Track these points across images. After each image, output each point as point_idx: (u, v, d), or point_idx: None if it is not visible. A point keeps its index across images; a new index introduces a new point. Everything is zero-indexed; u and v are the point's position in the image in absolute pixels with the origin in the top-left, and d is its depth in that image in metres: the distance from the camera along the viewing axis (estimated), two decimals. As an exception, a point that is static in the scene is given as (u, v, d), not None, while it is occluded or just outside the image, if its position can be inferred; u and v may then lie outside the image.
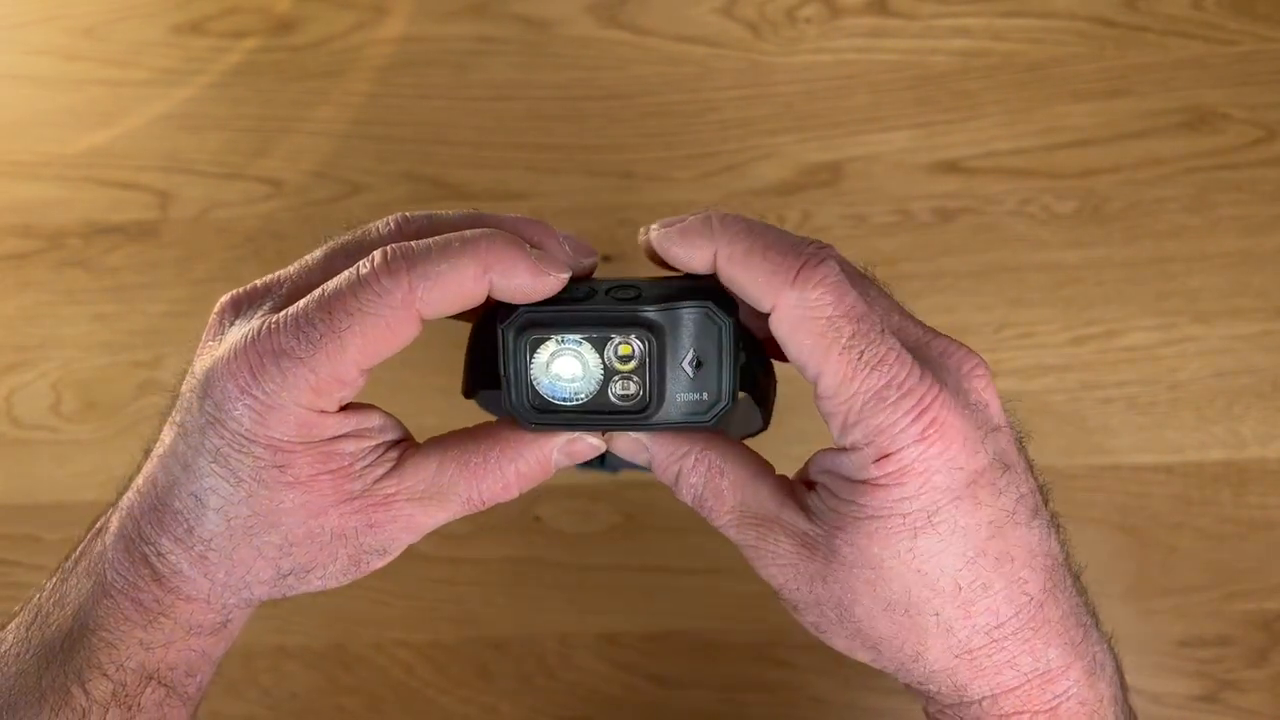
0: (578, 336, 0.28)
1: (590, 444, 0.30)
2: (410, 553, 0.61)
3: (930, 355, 0.28)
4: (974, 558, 0.27)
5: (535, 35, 0.63)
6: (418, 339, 0.28)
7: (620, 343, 0.28)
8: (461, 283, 0.27)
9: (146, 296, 0.61)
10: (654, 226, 0.29)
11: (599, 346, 0.28)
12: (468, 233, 0.28)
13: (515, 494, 0.31)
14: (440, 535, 0.58)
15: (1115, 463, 0.57)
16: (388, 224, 0.30)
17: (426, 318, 0.27)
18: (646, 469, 0.31)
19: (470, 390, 0.33)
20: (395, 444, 0.30)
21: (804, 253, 0.27)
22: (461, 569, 0.58)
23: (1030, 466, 0.29)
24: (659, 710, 0.57)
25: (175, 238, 0.62)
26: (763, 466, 0.31)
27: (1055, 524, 0.29)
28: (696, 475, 0.30)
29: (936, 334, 0.29)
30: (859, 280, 0.29)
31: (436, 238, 0.28)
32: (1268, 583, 0.56)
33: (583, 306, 0.28)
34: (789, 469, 0.34)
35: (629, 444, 0.31)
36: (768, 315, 0.27)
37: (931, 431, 0.27)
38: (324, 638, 0.58)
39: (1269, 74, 0.61)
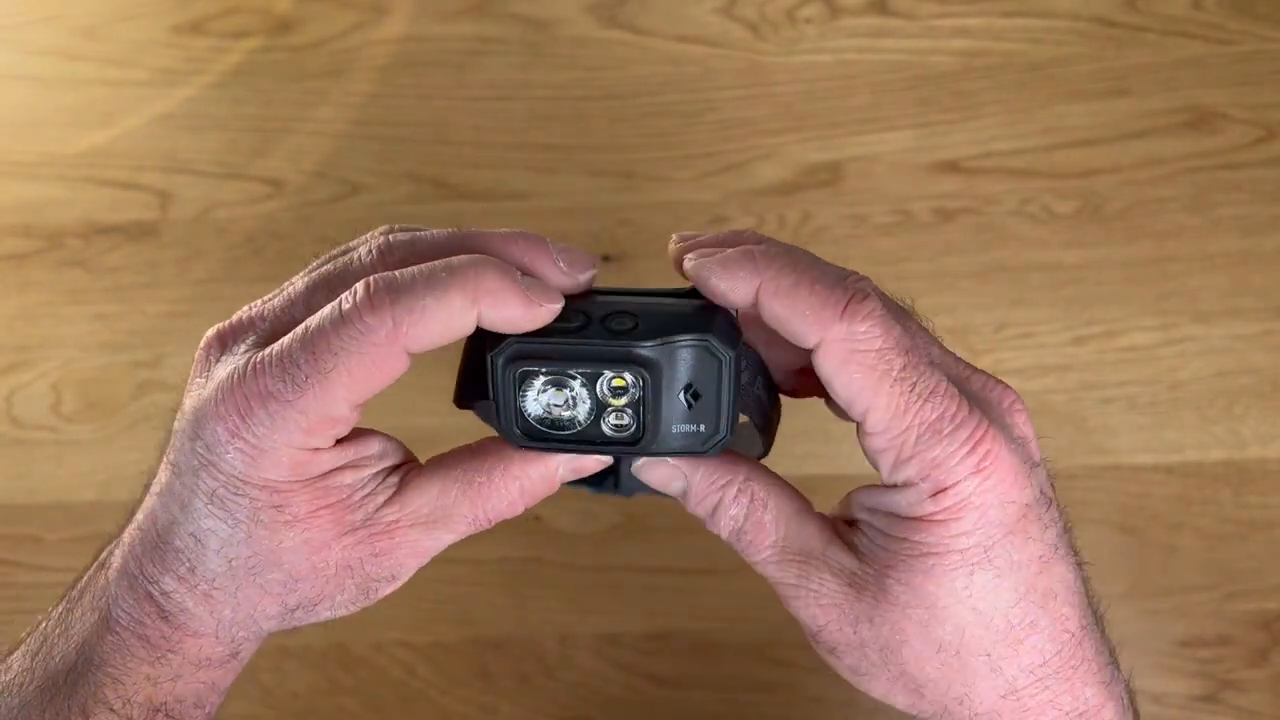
0: (570, 370, 0.27)
1: (596, 459, 0.30)
2: (410, 553, 0.61)
3: (972, 389, 0.28)
4: (1025, 594, 0.27)
5: (535, 35, 0.63)
6: None
7: (613, 378, 0.27)
8: (449, 317, 0.26)
9: (146, 296, 0.61)
10: (690, 256, 0.28)
11: (591, 381, 0.27)
12: (455, 260, 0.26)
13: (520, 510, 0.30)
14: (440, 535, 0.58)
15: (1115, 463, 0.57)
16: (370, 251, 0.28)
17: (415, 352, 0.27)
18: (663, 494, 0.30)
19: (464, 402, 0.32)
20: (395, 468, 0.30)
21: (850, 287, 0.26)
22: (461, 569, 0.58)
23: (1060, 503, 0.29)
24: (659, 710, 0.57)
25: (175, 238, 0.62)
26: (805, 503, 0.30)
27: (1080, 560, 0.29)
28: (738, 507, 0.29)
29: (975, 369, 0.29)
30: (900, 313, 0.28)
31: (422, 267, 0.26)
32: (1268, 583, 0.56)
33: (575, 340, 0.27)
34: (791, 467, 0.34)
35: (666, 471, 0.29)
36: (809, 350, 0.26)
37: (986, 464, 0.26)
38: (324, 638, 0.58)
39: (1269, 74, 0.61)
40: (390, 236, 0.28)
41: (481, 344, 0.29)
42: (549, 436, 0.28)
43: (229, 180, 0.62)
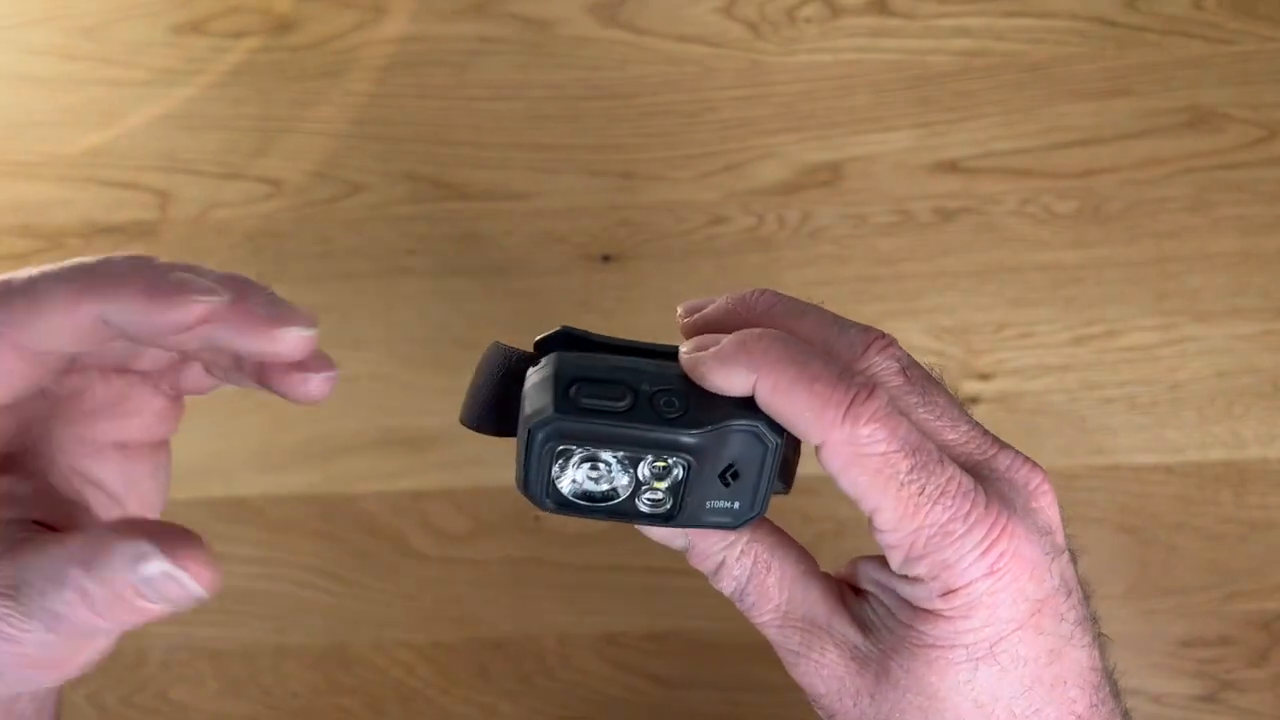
0: (610, 455, 0.26)
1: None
2: (410, 552, 0.62)
3: (996, 470, 0.27)
4: (1030, 685, 0.27)
5: (535, 35, 0.63)
6: (421, 337, 0.27)
7: (655, 461, 0.26)
8: (50, 318, 0.23)
9: (146, 296, 0.61)
10: (684, 349, 0.27)
11: (633, 463, 0.26)
12: (91, 259, 0.24)
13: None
14: (440, 535, 0.58)
15: (1115, 463, 0.57)
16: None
17: (35, 350, 0.24)
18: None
19: (478, 428, 0.31)
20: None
21: (853, 385, 0.25)
22: (461, 569, 0.58)
23: (1080, 579, 0.29)
24: (659, 710, 0.57)
25: (175, 238, 0.62)
26: (811, 564, 0.29)
27: (1099, 631, 0.29)
28: (741, 568, 0.29)
29: (1001, 445, 0.28)
30: (920, 387, 0.27)
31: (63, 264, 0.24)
32: (1268, 583, 0.56)
33: (621, 423, 0.26)
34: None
35: (667, 531, 0.29)
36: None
37: (1000, 564, 0.26)
38: (324, 638, 0.58)
39: (1269, 74, 0.61)
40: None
41: (506, 375, 0.28)
42: (580, 507, 0.27)
43: (229, 180, 0.62)
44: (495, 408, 0.29)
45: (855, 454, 0.25)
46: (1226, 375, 0.58)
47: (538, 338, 0.29)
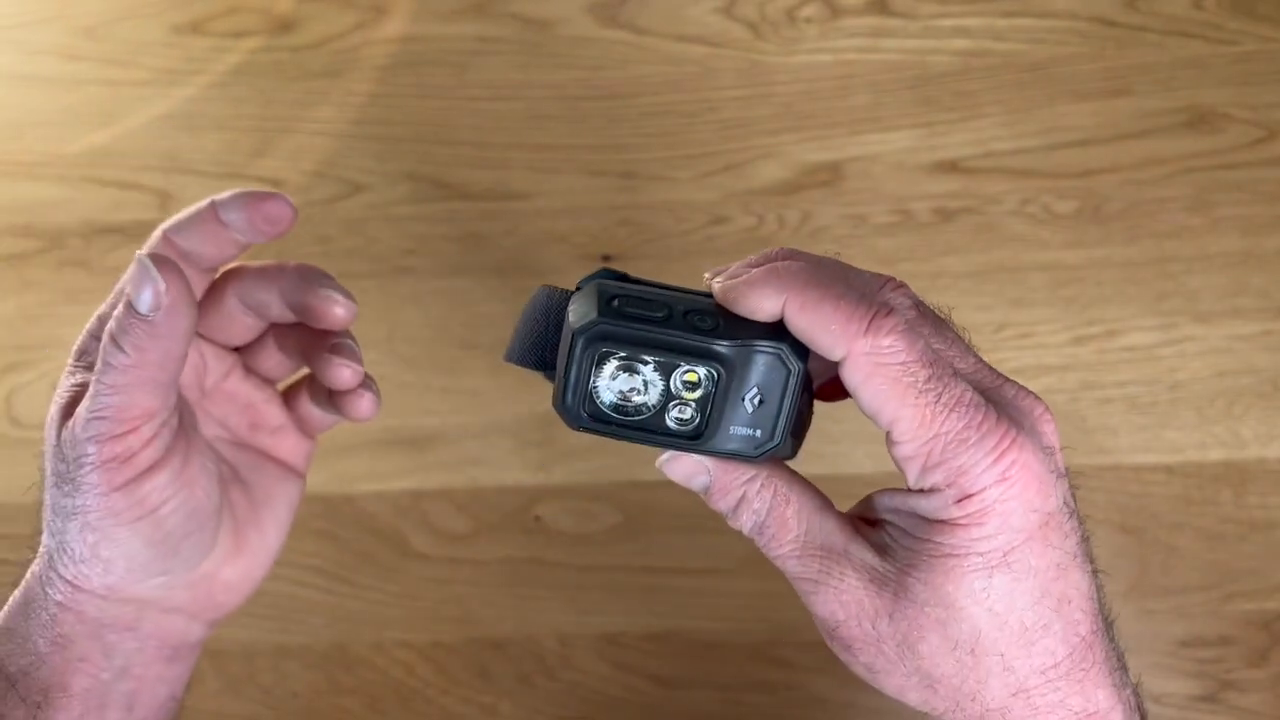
0: (648, 358, 0.28)
1: None
2: (410, 553, 0.62)
3: (1004, 398, 0.29)
4: (1040, 597, 0.28)
5: (535, 35, 0.63)
6: (421, 337, 0.28)
7: (688, 371, 0.28)
8: (201, 220, 0.33)
9: (146, 296, 0.61)
10: (718, 279, 0.29)
11: (666, 371, 0.28)
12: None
13: None
14: (440, 535, 0.58)
15: (1115, 463, 0.57)
16: None
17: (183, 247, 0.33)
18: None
19: (518, 362, 0.32)
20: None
21: (875, 301, 0.27)
22: (461, 569, 0.58)
23: (1078, 514, 0.30)
24: (659, 710, 0.57)
25: (175, 238, 0.62)
26: (825, 500, 0.31)
27: (1096, 568, 0.30)
28: (761, 501, 0.30)
29: (1006, 379, 0.29)
30: (933, 321, 0.29)
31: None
32: (1268, 583, 0.56)
33: (659, 329, 0.28)
34: (793, 467, 0.34)
35: (690, 465, 0.30)
36: (836, 362, 0.27)
37: (1012, 472, 0.27)
38: (324, 638, 0.58)
39: (1269, 74, 0.61)
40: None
41: (550, 311, 0.30)
42: (612, 420, 0.29)
43: (229, 180, 0.62)
44: (538, 344, 0.31)
45: (877, 364, 0.27)
46: (1226, 375, 0.58)
47: (580, 280, 0.31)
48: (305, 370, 0.38)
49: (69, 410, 0.32)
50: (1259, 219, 0.59)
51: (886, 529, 0.29)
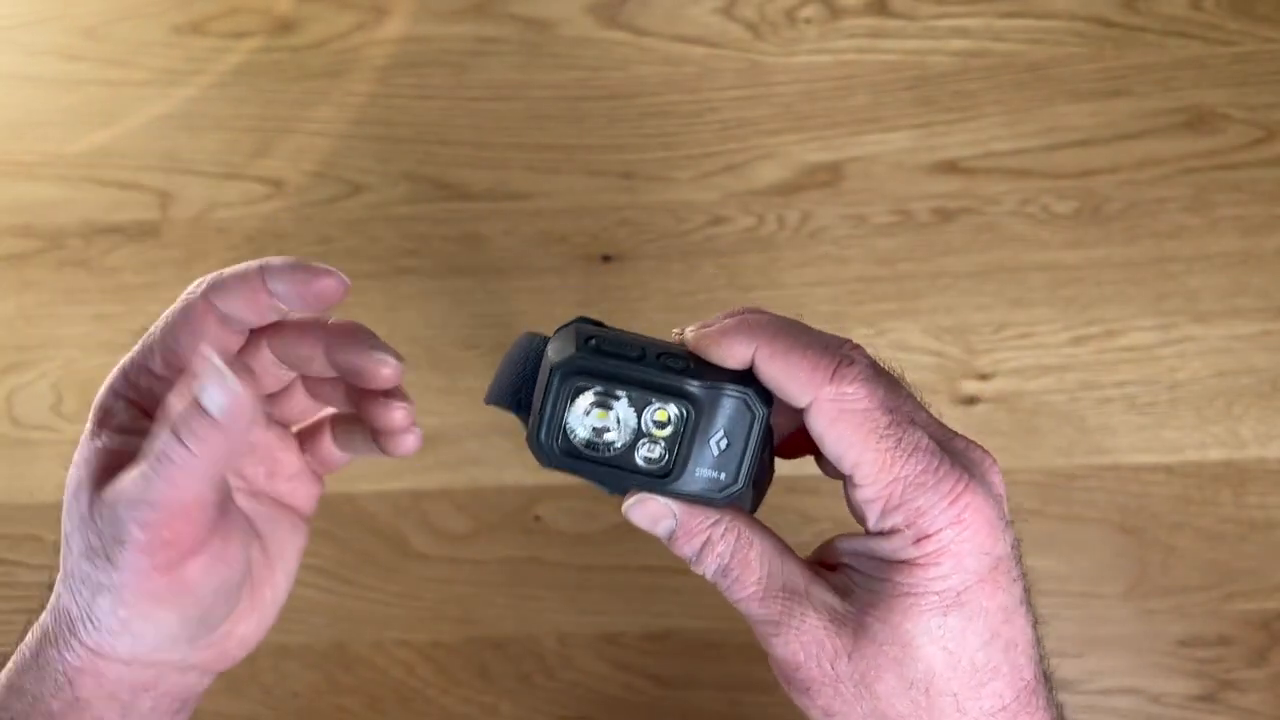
0: (621, 393, 0.29)
1: None
2: (410, 552, 0.62)
3: (956, 449, 0.30)
4: (990, 639, 0.29)
5: (535, 35, 0.63)
6: (421, 337, 0.28)
7: (659, 408, 0.29)
8: (247, 286, 0.31)
9: (146, 296, 0.61)
10: (690, 329, 0.30)
11: (639, 407, 0.29)
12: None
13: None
14: (440, 535, 0.58)
15: (1115, 463, 0.57)
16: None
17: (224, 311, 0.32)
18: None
19: (498, 404, 0.33)
20: None
21: (838, 352, 0.29)
22: (461, 569, 0.58)
23: (1023, 565, 0.31)
24: (659, 710, 0.57)
25: (175, 238, 0.62)
26: (786, 546, 0.31)
27: (1038, 619, 0.31)
28: (725, 544, 0.31)
29: (955, 433, 0.31)
30: (887, 378, 0.30)
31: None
32: (1268, 583, 0.56)
33: (634, 366, 0.29)
34: (791, 466, 0.34)
35: (655, 509, 0.31)
36: (800, 410, 0.29)
37: (966, 515, 0.28)
38: (324, 638, 0.58)
39: (1269, 74, 0.61)
40: None
41: (530, 353, 0.31)
42: (583, 456, 0.30)
43: (229, 180, 0.62)
44: (516, 385, 0.32)
45: (841, 409, 0.28)
46: (1225, 375, 0.58)
47: (557, 328, 0.31)
48: (326, 411, 0.37)
49: (100, 479, 0.31)
50: (1258, 219, 0.59)
51: (846, 572, 0.30)
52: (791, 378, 0.28)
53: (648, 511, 0.31)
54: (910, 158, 0.61)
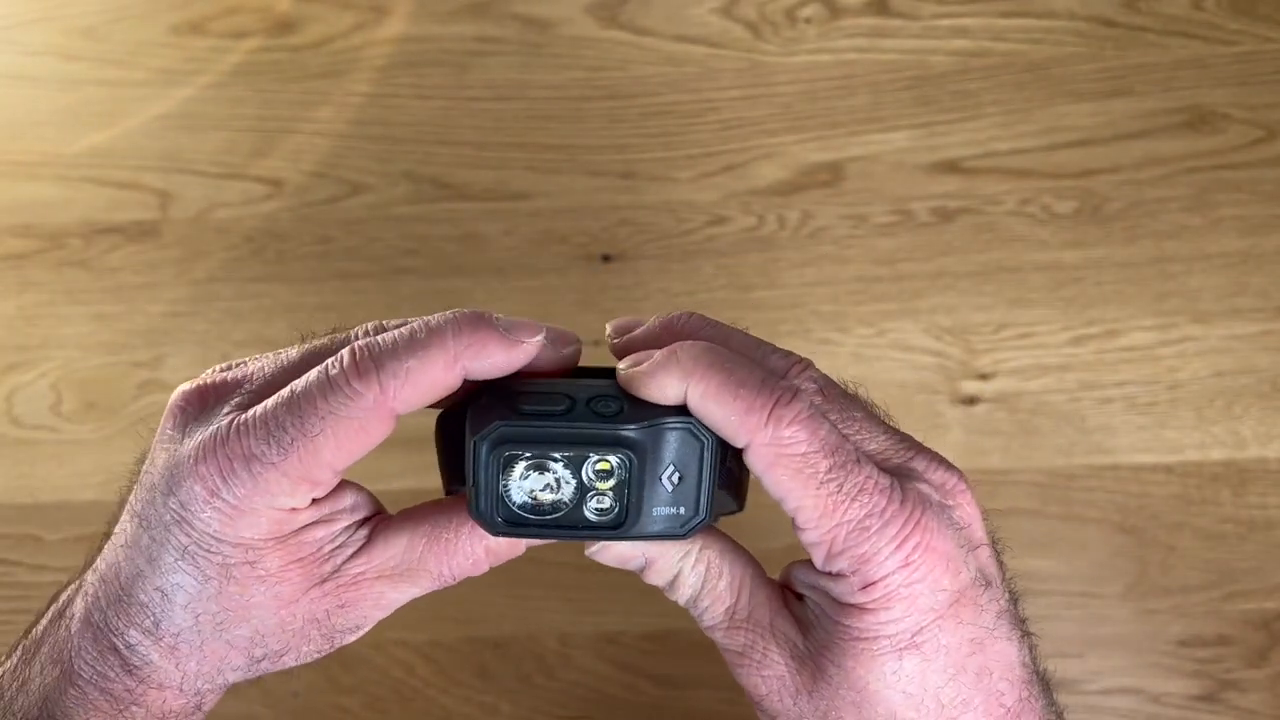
0: (556, 454, 0.27)
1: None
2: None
3: (915, 471, 0.28)
4: (955, 674, 0.28)
5: (535, 35, 0.63)
6: None
7: (599, 461, 0.27)
8: (433, 376, 0.26)
9: (146, 296, 0.61)
10: (621, 366, 0.28)
11: (576, 465, 0.27)
12: (433, 319, 0.27)
13: (485, 569, 0.30)
14: (440, 535, 0.58)
15: (1115, 463, 0.57)
16: (363, 329, 0.29)
17: (402, 414, 0.27)
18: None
19: (454, 491, 0.32)
20: (365, 520, 0.30)
21: (776, 389, 0.27)
22: (461, 569, 0.58)
23: (1006, 577, 0.30)
24: (659, 710, 0.57)
25: (175, 238, 0.62)
26: (759, 569, 0.30)
27: (1027, 630, 0.30)
28: (695, 575, 0.30)
29: (919, 449, 0.29)
30: (840, 402, 0.29)
31: (401, 330, 0.27)
32: (1268, 583, 0.56)
33: (561, 423, 0.27)
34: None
35: (622, 550, 0.30)
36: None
37: (915, 557, 0.27)
38: (324, 638, 0.58)
39: (1269, 74, 0.61)
40: (383, 321, 0.29)
41: (460, 431, 0.28)
42: (529, 522, 0.28)
43: (229, 180, 0.62)
44: (454, 464, 0.30)
45: (778, 454, 0.26)
46: (1226, 375, 0.58)
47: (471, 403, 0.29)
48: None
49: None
50: (1258, 219, 0.59)
51: (809, 603, 0.29)
52: (726, 420, 0.26)
53: (614, 554, 0.30)
54: (910, 157, 0.61)
